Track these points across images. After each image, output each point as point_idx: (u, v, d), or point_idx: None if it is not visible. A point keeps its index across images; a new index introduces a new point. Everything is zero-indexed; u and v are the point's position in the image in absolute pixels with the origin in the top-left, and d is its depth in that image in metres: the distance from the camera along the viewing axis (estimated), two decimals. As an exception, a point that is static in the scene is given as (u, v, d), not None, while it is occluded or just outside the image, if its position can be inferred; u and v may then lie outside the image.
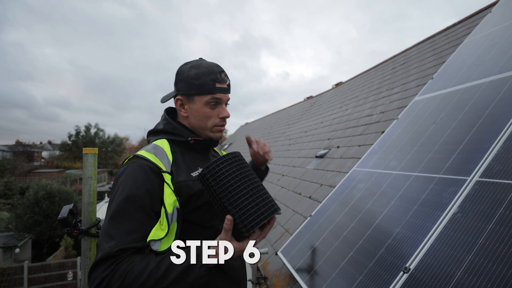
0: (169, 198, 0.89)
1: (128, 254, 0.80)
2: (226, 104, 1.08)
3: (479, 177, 1.29)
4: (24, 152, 34.69)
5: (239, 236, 0.80)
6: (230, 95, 1.08)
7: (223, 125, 1.08)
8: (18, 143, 37.06)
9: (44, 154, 44.02)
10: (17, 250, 11.66)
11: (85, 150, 1.27)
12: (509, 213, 1.04)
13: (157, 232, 0.86)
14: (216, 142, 1.10)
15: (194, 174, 1.00)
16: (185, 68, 1.03)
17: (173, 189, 0.91)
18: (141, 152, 0.96)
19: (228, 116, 1.06)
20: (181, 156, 1.01)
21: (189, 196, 0.94)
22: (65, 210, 1.15)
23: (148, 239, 0.84)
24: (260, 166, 1.40)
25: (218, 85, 1.01)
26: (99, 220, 1.28)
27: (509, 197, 1.10)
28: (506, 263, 0.92)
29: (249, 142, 1.33)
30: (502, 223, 1.04)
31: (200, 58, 1.08)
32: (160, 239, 0.85)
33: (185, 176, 0.96)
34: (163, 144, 1.01)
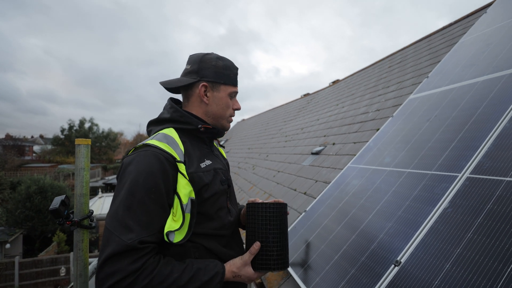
0: (184, 189, 0.89)
1: (150, 249, 0.81)
2: None
3: (469, 174, 1.32)
4: (14, 146, 34.03)
5: (255, 266, 0.96)
6: None
7: (233, 117, 1.15)
8: (8, 136, 36.37)
9: (36, 148, 43.32)
10: (8, 245, 11.51)
11: (78, 141, 1.25)
12: (497, 208, 1.07)
13: (172, 223, 0.86)
14: (222, 132, 1.12)
15: (203, 165, 0.99)
16: (211, 58, 1.07)
17: (188, 179, 0.90)
18: (152, 142, 0.92)
19: (240, 108, 1.14)
20: (191, 146, 1.01)
21: (200, 187, 0.94)
22: (56, 201, 1.13)
23: (165, 231, 0.84)
24: None
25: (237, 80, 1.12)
26: (92, 212, 1.27)
27: (498, 192, 1.13)
28: (492, 256, 0.94)
29: None
30: (490, 217, 1.06)
31: (212, 53, 1.12)
32: (174, 231, 0.86)
33: (196, 167, 0.96)
34: (172, 133, 0.99)
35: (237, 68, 1.13)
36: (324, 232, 1.82)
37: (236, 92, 1.12)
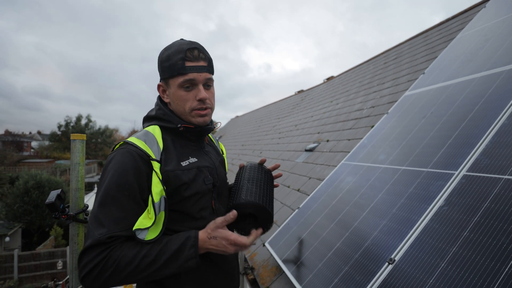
0: (156, 187, 0.88)
1: (119, 241, 0.84)
2: (208, 84, 0.98)
3: (466, 171, 1.29)
4: (13, 142, 33.99)
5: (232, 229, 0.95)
6: (212, 75, 0.98)
7: (204, 109, 0.97)
8: (7, 132, 36.31)
9: (34, 144, 43.13)
10: (7, 238, 11.61)
11: (73, 136, 1.27)
12: (495, 206, 1.04)
13: (144, 221, 0.86)
14: (208, 129, 1.03)
15: (184, 163, 0.96)
16: (160, 52, 1.00)
17: (160, 178, 0.89)
18: (131, 139, 0.94)
19: (204, 98, 0.95)
20: (172, 144, 0.98)
21: (177, 186, 0.92)
22: (52, 195, 1.16)
23: (134, 228, 0.85)
24: None
25: (189, 64, 0.92)
26: (87, 206, 1.29)
27: (495, 190, 1.10)
28: (489, 255, 0.92)
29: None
30: (487, 216, 1.04)
31: (181, 39, 1.01)
32: (147, 228, 0.86)
33: (174, 165, 0.93)
34: (154, 130, 0.98)
35: (183, 51, 0.91)
36: (317, 229, 1.79)
37: (190, 80, 0.92)
